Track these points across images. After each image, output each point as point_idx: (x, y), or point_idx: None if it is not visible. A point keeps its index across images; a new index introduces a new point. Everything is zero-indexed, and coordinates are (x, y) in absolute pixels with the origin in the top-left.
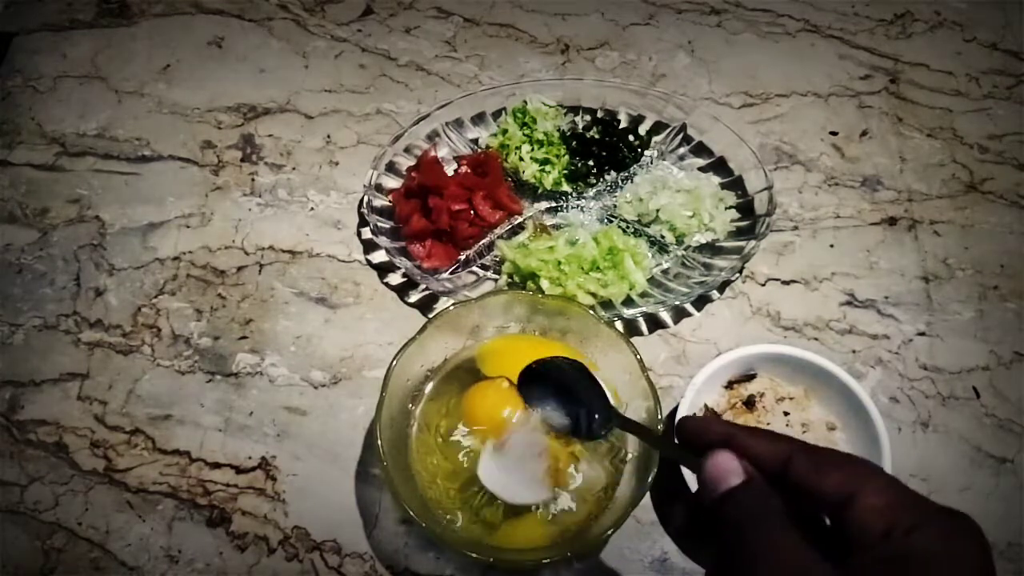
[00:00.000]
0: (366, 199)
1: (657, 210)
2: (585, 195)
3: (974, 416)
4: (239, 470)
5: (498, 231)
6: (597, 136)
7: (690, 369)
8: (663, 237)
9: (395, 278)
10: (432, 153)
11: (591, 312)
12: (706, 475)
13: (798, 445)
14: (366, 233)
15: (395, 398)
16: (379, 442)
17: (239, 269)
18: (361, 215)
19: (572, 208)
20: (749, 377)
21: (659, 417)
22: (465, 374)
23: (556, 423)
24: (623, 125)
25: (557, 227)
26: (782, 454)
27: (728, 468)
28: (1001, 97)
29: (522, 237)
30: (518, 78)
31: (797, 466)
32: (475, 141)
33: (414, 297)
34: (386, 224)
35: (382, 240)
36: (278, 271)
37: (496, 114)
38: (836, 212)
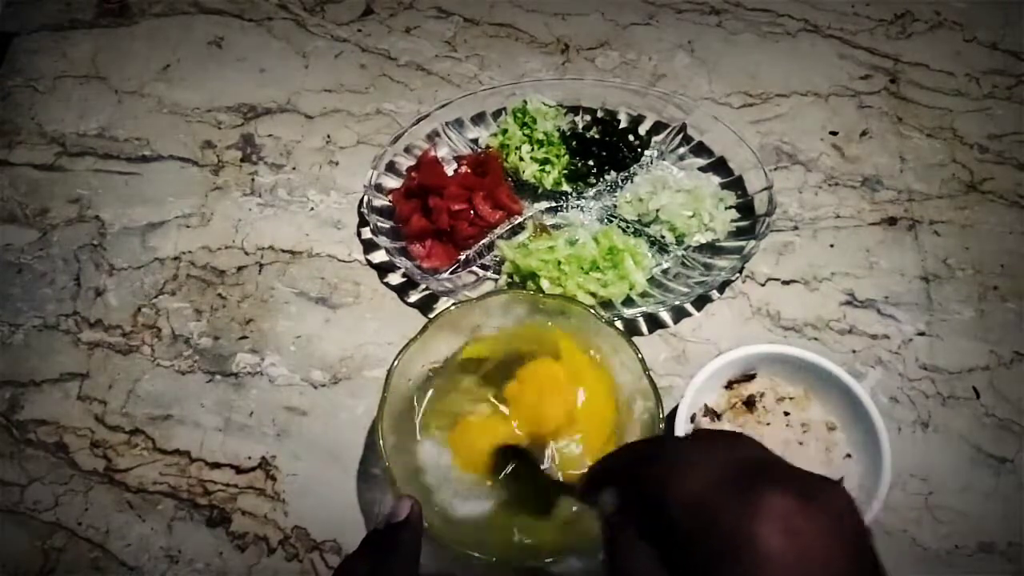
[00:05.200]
0: (366, 199)
1: (657, 210)
2: (585, 195)
3: (974, 416)
4: (239, 470)
5: (498, 231)
6: (597, 136)
7: (690, 369)
8: (663, 237)
9: (395, 278)
10: (432, 153)
11: (591, 311)
12: (597, 510)
13: (638, 460)
14: (366, 233)
15: (396, 398)
16: (380, 442)
17: (239, 269)
18: (361, 215)
19: (572, 208)
20: (749, 377)
21: (660, 416)
22: (465, 373)
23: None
24: (623, 125)
25: (557, 227)
26: (635, 475)
27: (605, 502)
28: (1001, 97)
29: (522, 237)
30: (518, 78)
31: (643, 484)
32: (475, 141)
33: (414, 297)
34: (386, 224)
35: (382, 240)
36: (278, 271)
37: (496, 114)
38: (836, 212)
